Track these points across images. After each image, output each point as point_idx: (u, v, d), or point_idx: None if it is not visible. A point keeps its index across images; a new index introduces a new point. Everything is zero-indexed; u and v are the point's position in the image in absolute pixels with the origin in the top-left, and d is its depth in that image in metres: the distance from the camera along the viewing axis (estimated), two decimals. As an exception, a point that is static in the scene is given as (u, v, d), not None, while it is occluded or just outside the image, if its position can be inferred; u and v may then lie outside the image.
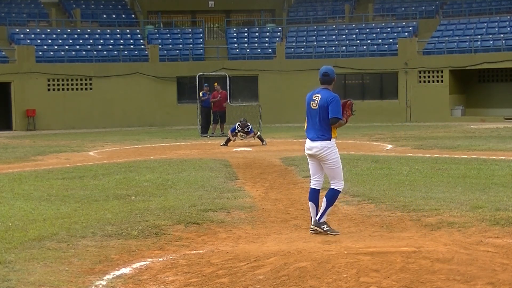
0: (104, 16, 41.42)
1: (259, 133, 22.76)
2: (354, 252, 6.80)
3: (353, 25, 40.13)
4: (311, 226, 8.20)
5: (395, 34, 37.96)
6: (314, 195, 8.24)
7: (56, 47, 37.12)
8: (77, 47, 37.42)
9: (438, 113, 33.75)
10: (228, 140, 22.21)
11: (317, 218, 8.13)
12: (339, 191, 8.18)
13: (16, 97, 34.29)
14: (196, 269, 6.57)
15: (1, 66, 34.53)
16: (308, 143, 8.23)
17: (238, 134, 22.31)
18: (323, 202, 8.14)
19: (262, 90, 36.17)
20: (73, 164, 16.82)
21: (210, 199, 10.61)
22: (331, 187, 8.17)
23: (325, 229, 8.08)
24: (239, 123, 22.48)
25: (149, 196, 11.02)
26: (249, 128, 22.41)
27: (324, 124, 8.03)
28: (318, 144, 8.07)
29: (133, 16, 42.32)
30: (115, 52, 37.24)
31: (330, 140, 8.06)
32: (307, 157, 8.38)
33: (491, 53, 34.32)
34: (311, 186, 8.31)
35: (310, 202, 8.24)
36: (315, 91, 8.24)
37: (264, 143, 22.07)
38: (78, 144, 23.62)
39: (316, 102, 8.11)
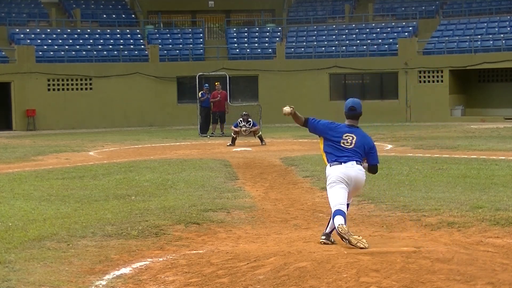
0: (104, 16, 41.42)
1: (260, 132, 22.73)
2: (354, 252, 6.80)
3: (353, 25, 40.13)
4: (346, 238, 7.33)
5: (395, 34, 37.96)
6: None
7: (56, 47, 37.12)
8: (77, 47, 37.42)
9: (438, 113, 33.76)
10: (234, 139, 22.16)
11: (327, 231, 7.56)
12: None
13: (16, 97, 34.30)
14: (196, 269, 6.57)
15: (1, 66, 34.53)
16: (346, 168, 7.45)
17: (242, 128, 22.30)
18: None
19: (262, 90, 36.16)
20: (73, 164, 16.82)
21: (210, 199, 10.61)
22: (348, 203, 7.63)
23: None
24: (241, 118, 22.57)
25: (149, 196, 11.02)
26: (251, 123, 22.49)
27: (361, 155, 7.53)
28: (357, 168, 7.48)
29: (133, 16, 42.32)
30: (115, 52, 37.24)
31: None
32: (339, 182, 7.49)
33: (491, 53, 34.32)
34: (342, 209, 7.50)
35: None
36: (347, 129, 7.56)
37: (263, 143, 22.05)
38: (78, 144, 23.61)
39: (351, 143, 7.48)
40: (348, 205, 7.54)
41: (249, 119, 22.61)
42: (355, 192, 7.77)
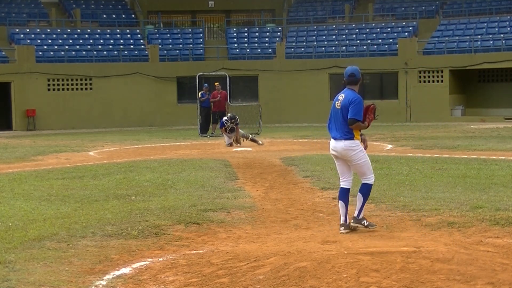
0: (104, 16, 41.42)
1: (250, 136, 22.52)
2: (354, 252, 6.80)
3: (353, 25, 40.13)
4: (351, 224, 8.14)
5: (395, 34, 37.97)
6: (344, 194, 8.17)
7: (56, 47, 37.12)
8: (77, 47, 37.42)
9: (438, 113, 33.76)
10: (230, 143, 22.05)
11: (355, 215, 8.15)
12: (372, 184, 8.18)
13: (16, 97, 34.29)
14: (196, 269, 6.57)
15: (1, 66, 34.53)
16: (332, 143, 8.15)
17: (228, 127, 22.01)
18: (358, 198, 8.15)
19: (262, 90, 36.17)
20: (73, 164, 16.81)
21: (210, 199, 10.61)
22: (363, 182, 8.16)
23: (366, 224, 8.16)
24: (226, 118, 22.36)
25: (149, 196, 11.02)
26: (237, 120, 22.17)
27: (346, 124, 7.99)
28: (342, 144, 8.01)
29: (133, 16, 42.32)
30: (115, 52, 37.24)
31: (353, 139, 7.99)
32: (333, 157, 8.26)
33: (491, 53, 34.33)
34: (341, 186, 8.24)
35: (340, 201, 8.17)
36: (342, 91, 8.18)
37: (260, 143, 21.88)
38: (78, 144, 23.61)
39: (340, 101, 8.05)
40: (363, 184, 8.16)
41: (236, 117, 22.27)
42: (354, 166, 8.11)
